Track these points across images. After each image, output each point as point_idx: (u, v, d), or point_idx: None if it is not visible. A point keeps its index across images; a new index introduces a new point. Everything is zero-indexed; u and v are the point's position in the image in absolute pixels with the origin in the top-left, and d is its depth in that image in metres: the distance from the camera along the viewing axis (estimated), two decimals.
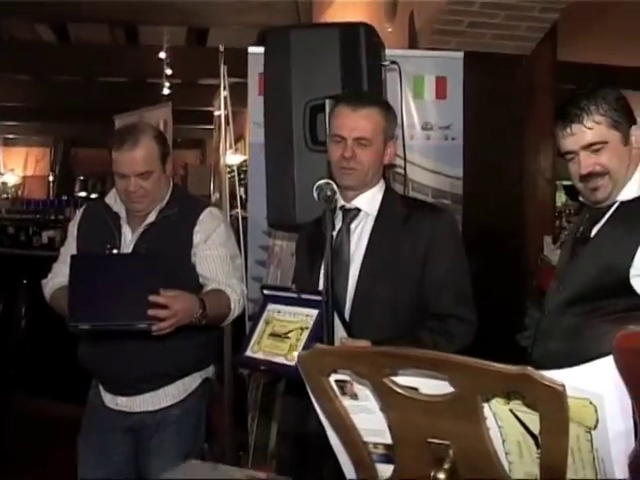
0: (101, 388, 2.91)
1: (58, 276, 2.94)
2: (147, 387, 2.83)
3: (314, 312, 2.20)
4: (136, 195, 2.73)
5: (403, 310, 2.37)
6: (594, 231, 2.24)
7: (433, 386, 1.32)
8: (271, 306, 2.35)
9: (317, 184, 2.22)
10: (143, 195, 2.74)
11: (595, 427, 1.22)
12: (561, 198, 7.56)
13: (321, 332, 2.14)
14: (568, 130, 2.13)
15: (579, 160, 2.15)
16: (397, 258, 2.37)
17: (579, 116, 2.11)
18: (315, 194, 2.20)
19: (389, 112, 2.46)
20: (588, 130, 2.11)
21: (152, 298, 2.47)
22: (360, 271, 2.39)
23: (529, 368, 1.17)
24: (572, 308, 2.22)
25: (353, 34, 3.16)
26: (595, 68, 6.44)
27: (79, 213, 3.03)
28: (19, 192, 17.07)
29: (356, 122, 2.36)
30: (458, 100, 3.90)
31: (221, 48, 4.17)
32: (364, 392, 1.40)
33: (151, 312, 2.47)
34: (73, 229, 2.97)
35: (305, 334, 2.20)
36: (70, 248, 2.93)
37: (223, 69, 4.27)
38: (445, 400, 1.29)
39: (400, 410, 1.35)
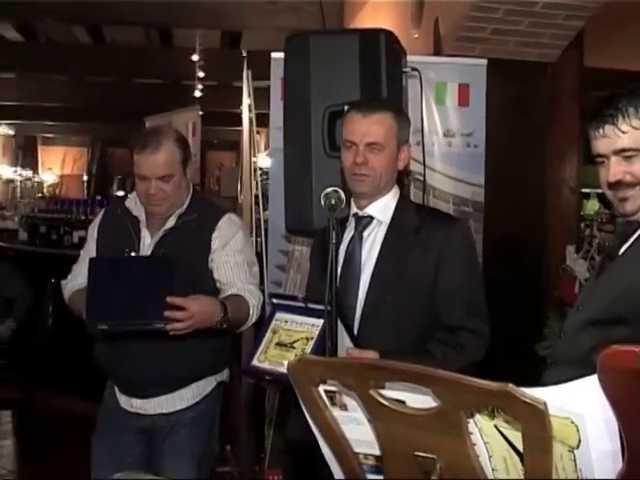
0: (116, 389, 2.93)
1: (77, 278, 2.97)
2: (162, 390, 2.85)
3: (320, 322, 2.19)
4: (156, 198, 2.76)
5: (413, 320, 2.35)
6: (622, 249, 2.03)
7: (420, 400, 1.32)
8: (279, 315, 2.34)
9: (324, 191, 2.22)
10: (163, 198, 2.76)
11: (578, 447, 1.21)
12: (594, 206, 7.47)
13: (325, 342, 2.14)
14: (600, 131, 1.93)
15: (609, 166, 1.95)
16: (408, 268, 2.34)
17: (614, 117, 1.91)
18: (322, 201, 2.20)
19: (401, 117, 2.44)
20: (622, 134, 1.91)
21: (169, 299, 2.49)
22: (371, 280, 2.37)
23: (510, 385, 1.16)
24: (589, 330, 2.02)
25: (373, 40, 3.15)
26: (624, 74, 6.33)
27: (99, 216, 3.05)
28: (56, 191, 17.32)
29: (367, 127, 2.34)
30: (481, 107, 3.87)
31: (244, 52, 4.19)
32: (353, 403, 1.40)
33: (167, 313, 2.48)
34: (93, 231, 2.99)
35: (310, 344, 2.19)
36: (90, 250, 2.96)
37: (247, 73, 4.30)
38: (430, 414, 1.29)
39: (386, 422, 1.35)
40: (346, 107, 2.70)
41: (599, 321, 2.00)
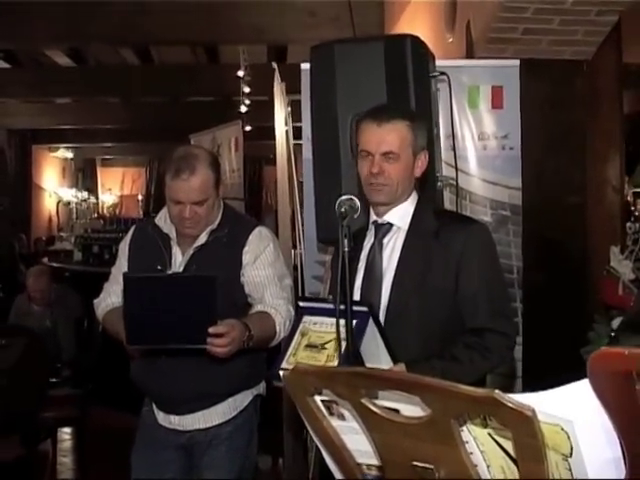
0: (154, 406, 2.96)
1: (111, 296, 3.00)
2: (199, 406, 2.86)
3: (352, 323, 2.17)
4: (190, 221, 2.75)
5: (436, 324, 2.33)
6: None
7: (413, 409, 1.29)
8: (307, 318, 2.33)
9: (339, 199, 2.21)
10: (197, 221, 2.76)
11: (571, 454, 1.17)
12: None
13: (359, 342, 2.13)
14: None
15: None
16: (429, 272, 2.33)
17: None
18: (336, 209, 2.20)
19: (416, 124, 2.41)
20: None
21: (212, 330, 2.49)
22: (392, 286, 2.36)
23: (496, 391, 1.13)
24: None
25: (399, 46, 3.13)
26: None
27: (129, 233, 3.06)
28: (116, 211, 17.68)
29: (382, 137, 2.32)
30: (515, 109, 3.80)
31: (274, 65, 4.21)
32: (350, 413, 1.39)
33: (210, 340, 2.49)
34: (124, 248, 3.00)
35: (343, 345, 2.17)
36: (121, 268, 2.97)
37: (281, 86, 4.31)
38: (421, 423, 1.26)
39: (380, 431, 1.33)
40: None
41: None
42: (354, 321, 2.15)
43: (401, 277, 2.36)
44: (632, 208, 6.34)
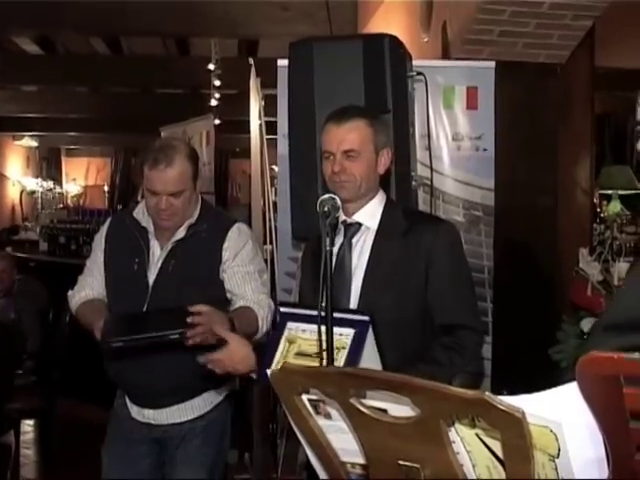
0: (127, 400, 2.94)
1: (85, 289, 2.99)
2: (174, 400, 2.86)
3: (349, 331, 2.17)
4: (166, 213, 2.75)
5: (406, 324, 2.36)
6: None
7: (401, 409, 1.30)
8: (292, 324, 2.30)
9: (320, 198, 2.22)
10: (173, 213, 2.76)
11: (558, 456, 1.19)
12: (615, 208, 7.41)
13: (359, 352, 2.14)
14: None
15: None
16: (398, 272, 2.36)
17: None
18: (318, 208, 2.20)
19: (377, 121, 2.45)
20: None
21: (190, 308, 2.52)
22: (362, 286, 2.39)
23: (486, 393, 1.15)
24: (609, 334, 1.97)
25: (377, 46, 3.14)
26: (636, 74, 6.23)
27: (105, 225, 3.04)
28: (80, 201, 17.45)
29: (342, 136, 2.35)
30: (489, 110, 3.84)
31: (251, 61, 4.20)
32: (336, 412, 1.39)
33: (189, 319, 2.51)
34: (100, 241, 2.98)
35: (343, 354, 2.16)
36: (97, 261, 2.96)
37: (257, 81, 4.30)
38: (410, 423, 1.27)
39: (368, 431, 1.34)
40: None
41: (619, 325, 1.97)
42: (353, 330, 2.16)
43: (371, 276, 2.38)
44: (598, 210, 6.44)
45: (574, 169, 4.30)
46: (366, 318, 2.19)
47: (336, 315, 2.13)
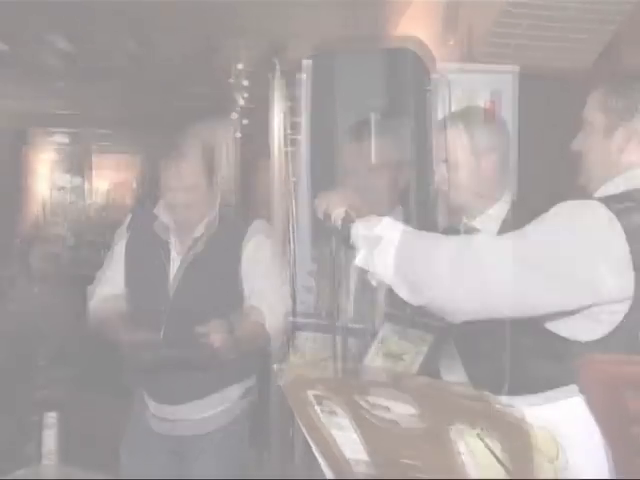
0: (145, 396, 2.97)
1: (106, 284, 3.01)
2: (191, 395, 2.88)
3: (428, 336, 2.21)
4: (181, 207, 2.80)
5: None
6: None
7: (404, 407, 1.32)
8: (388, 325, 2.34)
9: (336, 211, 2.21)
10: (188, 207, 2.80)
11: (557, 458, 1.20)
12: None
13: (436, 357, 2.18)
14: None
15: None
16: None
17: None
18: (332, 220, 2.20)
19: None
20: None
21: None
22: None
23: (487, 393, 1.17)
24: None
25: (399, 59, 3.14)
26: None
27: (126, 221, 3.07)
28: (109, 199, 17.57)
29: None
30: (511, 116, 3.81)
31: (275, 61, 4.20)
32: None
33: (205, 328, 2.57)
34: (123, 234, 3.02)
35: (420, 358, 2.20)
36: (117, 256, 3.00)
37: (280, 83, 4.29)
38: (413, 421, 1.29)
39: (372, 429, 1.36)
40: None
41: None
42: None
43: None
44: None
45: None
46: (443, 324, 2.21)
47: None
